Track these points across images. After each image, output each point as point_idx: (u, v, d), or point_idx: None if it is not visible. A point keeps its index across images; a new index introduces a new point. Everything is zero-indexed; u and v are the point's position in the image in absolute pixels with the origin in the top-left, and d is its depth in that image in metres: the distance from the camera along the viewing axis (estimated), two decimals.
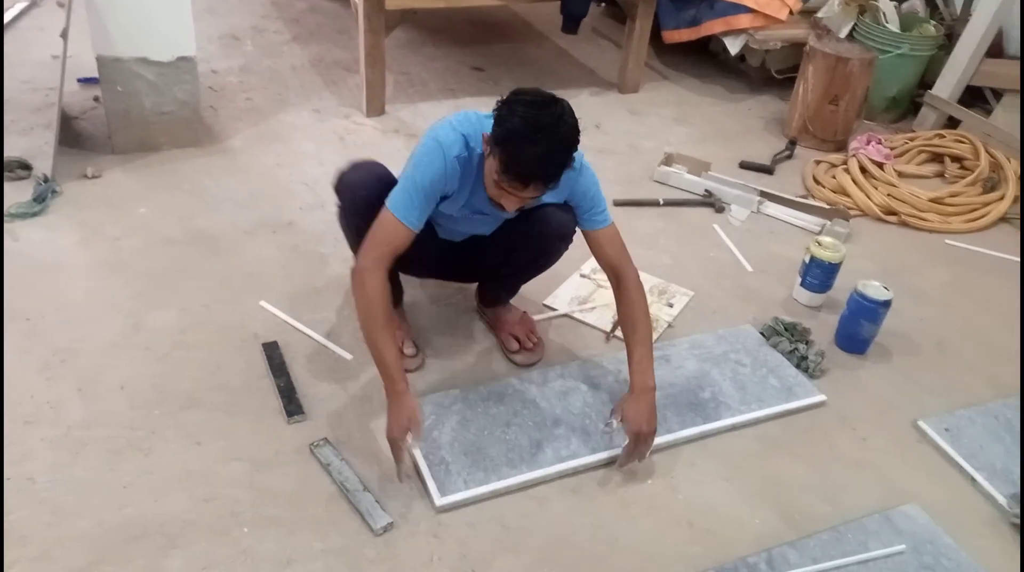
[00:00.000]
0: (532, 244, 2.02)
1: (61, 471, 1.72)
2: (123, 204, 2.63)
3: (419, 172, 1.77)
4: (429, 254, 2.01)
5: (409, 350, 2.10)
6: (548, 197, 1.84)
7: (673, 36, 3.99)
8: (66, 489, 1.69)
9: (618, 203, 2.97)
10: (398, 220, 1.77)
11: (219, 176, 2.86)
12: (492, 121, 1.70)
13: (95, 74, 2.81)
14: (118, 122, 2.85)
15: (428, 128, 1.88)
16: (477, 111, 1.88)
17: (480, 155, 1.79)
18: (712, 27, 3.84)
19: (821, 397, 2.16)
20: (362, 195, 1.90)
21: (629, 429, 1.86)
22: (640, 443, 1.86)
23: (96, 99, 3.14)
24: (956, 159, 3.43)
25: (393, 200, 1.78)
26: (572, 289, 2.48)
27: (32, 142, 2.86)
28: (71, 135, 2.96)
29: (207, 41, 3.83)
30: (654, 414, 1.89)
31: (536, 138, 1.60)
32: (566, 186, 1.84)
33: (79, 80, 3.27)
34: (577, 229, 2.00)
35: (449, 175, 1.78)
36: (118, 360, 2.02)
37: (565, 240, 2.02)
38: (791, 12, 3.79)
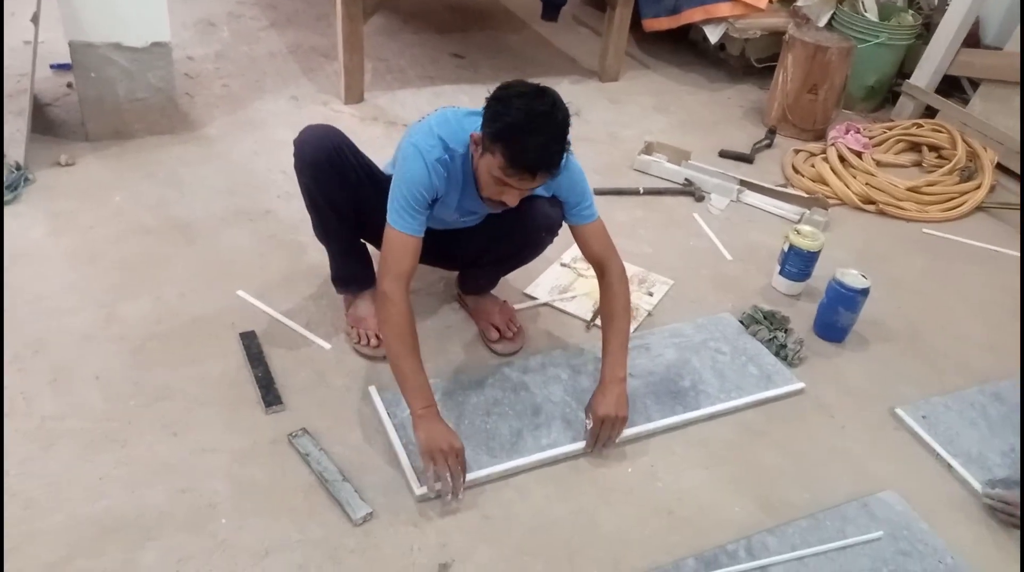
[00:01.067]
0: (518, 235, 2.02)
1: (34, 464, 1.70)
2: (97, 192, 2.59)
3: (405, 183, 1.77)
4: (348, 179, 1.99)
5: (376, 340, 2.08)
6: (539, 190, 1.85)
7: (653, 24, 3.98)
8: (39, 482, 1.66)
9: (598, 192, 2.95)
10: (403, 233, 1.78)
11: (195, 164, 2.82)
12: (474, 118, 1.71)
13: (68, 60, 2.76)
14: (92, 109, 2.81)
15: (407, 130, 1.88)
16: (455, 108, 1.87)
17: (463, 156, 1.79)
18: (692, 15, 3.83)
19: (800, 385, 2.17)
20: (310, 154, 1.91)
21: (595, 415, 1.87)
22: (606, 428, 1.87)
23: (69, 85, 3.09)
24: (933, 148, 3.46)
25: (392, 217, 1.79)
26: (553, 278, 2.48)
27: (3, 129, 2.80)
28: (44, 122, 2.91)
29: (182, 27, 3.78)
30: (623, 402, 1.89)
31: (537, 127, 1.61)
32: (553, 180, 1.82)
33: (52, 66, 3.22)
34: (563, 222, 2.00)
35: (434, 180, 1.77)
36: (92, 351, 2.00)
37: (551, 232, 2.02)
38: (771, 1, 3.79)
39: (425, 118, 1.86)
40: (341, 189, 1.94)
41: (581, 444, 1.90)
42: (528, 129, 1.61)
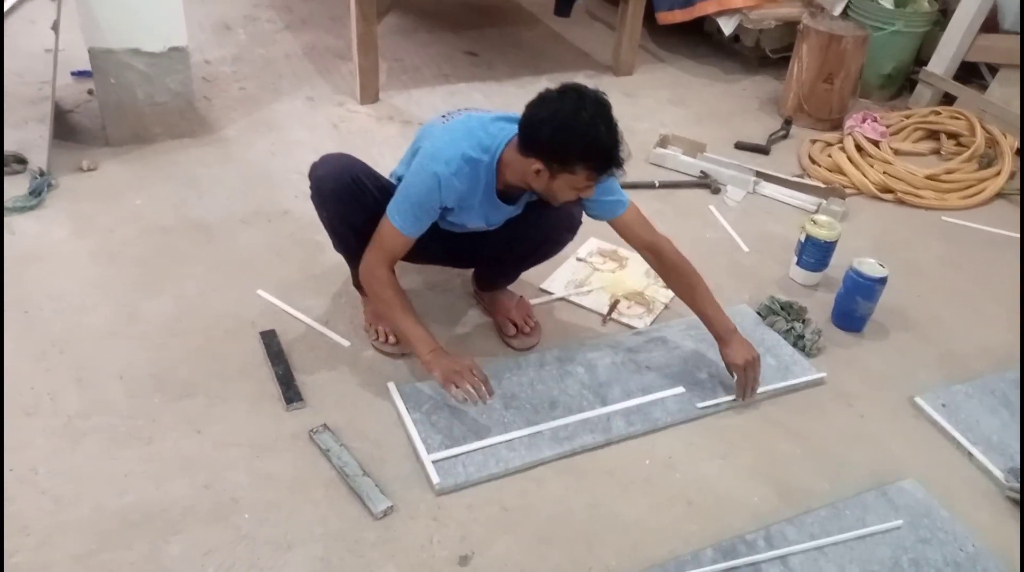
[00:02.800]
0: (539, 235, 2.04)
1: (62, 460, 1.73)
2: (118, 195, 2.63)
3: (414, 189, 1.81)
4: (429, 243, 2.02)
5: (394, 337, 2.10)
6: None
7: (667, 17, 3.97)
8: (67, 478, 1.70)
9: None
10: (395, 229, 1.83)
11: (213, 166, 2.86)
12: (502, 124, 1.78)
13: (88, 67, 2.80)
14: (112, 114, 2.85)
15: (428, 129, 1.89)
16: (480, 114, 1.88)
17: (488, 164, 1.80)
18: (706, 7, 3.82)
19: (818, 375, 2.16)
20: (329, 188, 1.93)
21: (736, 366, 2.01)
22: (750, 371, 2.00)
23: (90, 92, 3.13)
24: (952, 136, 3.43)
25: (391, 209, 1.84)
26: (568, 273, 2.48)
27: (27, 135, 2.85)
28: (65, 128, 2.96)
29: (199, 30, 3.82)
30: (748, 344, 2.04)
31: (605, 129, 1.68)
32: None
33: (72, 73, 3.27)
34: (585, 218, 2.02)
35: (445, 194, 1.80)
36: (115, 349, 2.03)
37: (572, 230, 2.04)
38: None
39: (449, 121, 1.87)
40: (361, 214, 1.94)
41: (598, 437, 1.91)
42: (602, 135, 1.67)
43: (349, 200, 1.92)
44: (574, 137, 1.66)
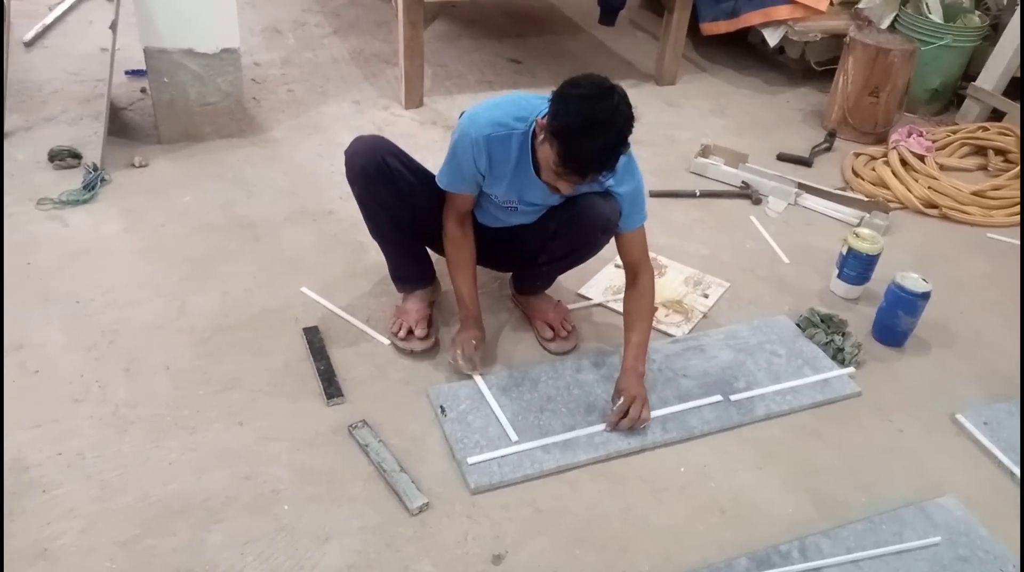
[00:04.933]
0: (574, 234, 2.03)
1: (108, 448, 1.78)
2: (168, 192, 2.70)
3: (452, 148, 1.92)
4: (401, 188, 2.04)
5: (420, 332, 2.12)
6: (597, 185, 1.89)
7: (711, 28, 3.97)
8: (113, 465, 1.74)
9: (654, 194, 2.97)
10: (454, 192, 1.99)
11: (260, 165, 2.91)
12: (547, 104, 1.74)
13: (142, 66, 2.88)
14: (164, 112, 2.92)
15: (472, 108, 1.96)
16: (527, 95, 1.92)
17: (523, 134, 1.84)
18: (751, 18, 3.81)
19: (856, 389, 2.15)
20: (359, 164, 1.99)
21: (626, 393, 1.94)
22: (636, 405, 1.93)
23: (143, 91, 3.22)
24: (1000, 152, 3.38)
25: (441, 179, 1.99)
26: (607, 279, 2.49)
27: (81, 132, 2.94)
28: (119, 125, 3.04)
29: (250, 34, 3.90)
30: (645, 388, 1.99)
31: (593, 133, 1.63)
32: (615, 176, 1.88)
33: (127, 72, 3.36)
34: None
35: (476, 154, 1.86)
36: (162, 342, 2.08)
37: (607, 232, 2.01)
38: (831, 3, 3.75)
39: (486, 101, 1.93)
40: (392, 196, 2.00)
41: (633, 443, 1.92)
42: (583, 133, 1.63)
43: (378, 177, 1.98)
44: (567, 114, 1.65)
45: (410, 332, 2.12)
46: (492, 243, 2.13)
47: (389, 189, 1.99)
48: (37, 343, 2.04)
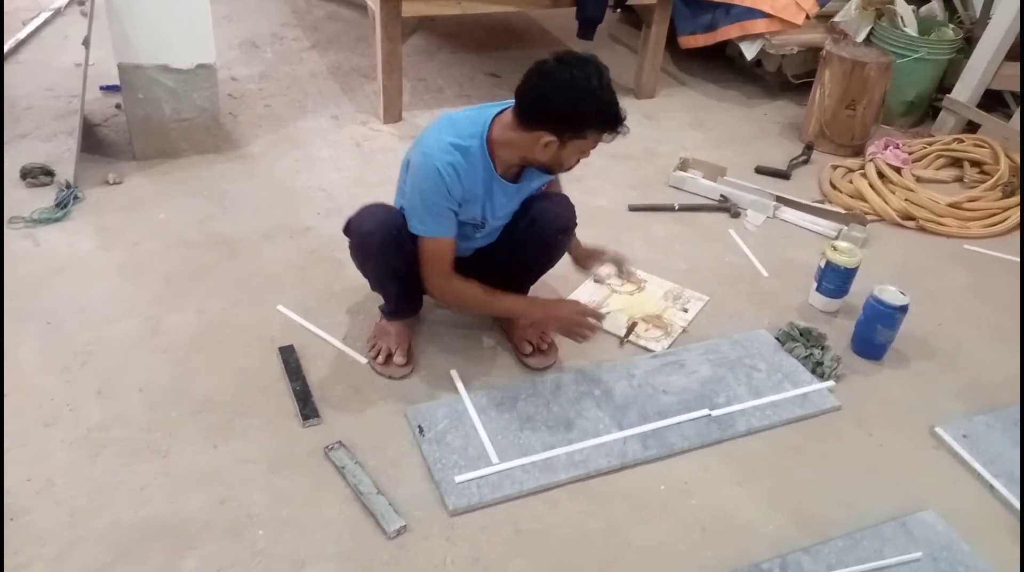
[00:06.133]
0: (535, 242, 2.06)
1: (79, 472, 1.75)
2: (143, 209, 2.67)
3: (421, 193, 1.85)
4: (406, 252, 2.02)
5: (399, 359, 2.09)
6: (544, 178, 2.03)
7: (689, 41, 3.99)
8: (84, 490, 1.71)
9: (633, 208, 2.98)
10: (435, 238, 1.89)
11: (238, 182, 2.89)
12: (480, 111, 1.85)
13: (117, 82, 2.85)
14: (139, 128, 2.89)
15: (414, 143, 1.92)
16: (450, 112, 1.92)
17: (480, 146, 1.84)
18: (728, 32, 3.83)
19: (836, 403, 2.15)
20: (376, 242, 1.94)
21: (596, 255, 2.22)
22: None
23: (118, 106, 3.19)
24: (975, 164, 3.41)
25: (413, 224, 1.89)
26: (587, 294, 2.48)
27: (55, 148, 2.90)
28: (93, 142, 3.01)
29: (227, 48, 3.88)
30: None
31: (610, 92, 1.75)
32: None
33: (101, 88, 3.33)
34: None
35: (450, 183, 1.83)
36: (136, 362, 2.05)
37: (567, 232, 2.08)
38: (807, 17, 3.77)
39: (427, 129, 1.91)
40: (403, 262, 1.98)
41: (614, 461, 1.91)
42: (609, 99, 1.74)
43: (394, 251, 1.95)
44: (589, 105, 1.72)
45: (389, 357, 2.09)
46: (467, 270, 2.10)
47: (400, 257, 1.97)
48: (7, 364, 2.00)
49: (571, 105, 1.72)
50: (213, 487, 1.75)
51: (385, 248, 1.94)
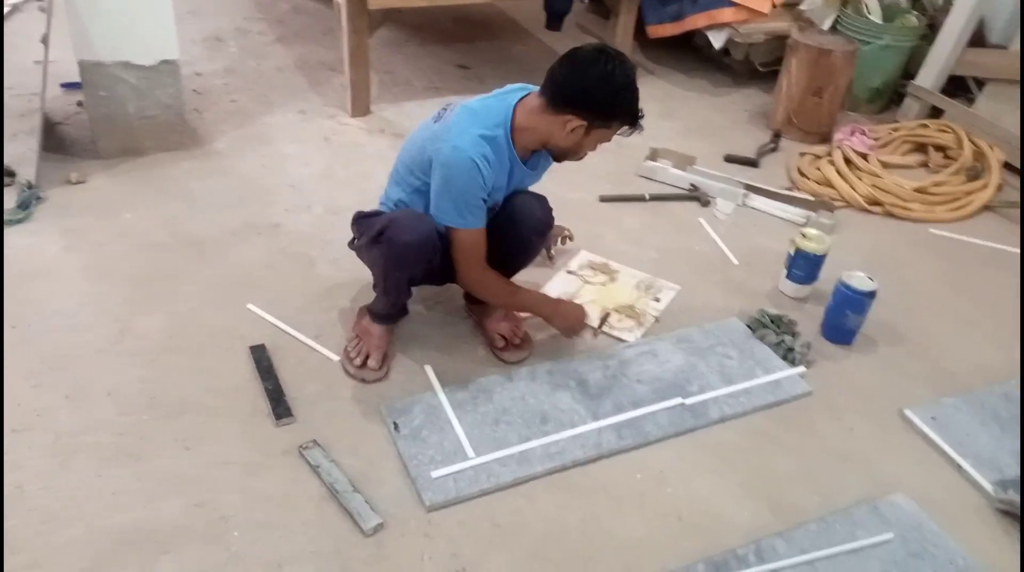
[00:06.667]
0: (510, 240, 2.06)
1: (51, 479, 1.72)
2: (108, 209, 2.62)
3: (459, 186, 1.85)
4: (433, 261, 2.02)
5: (373, 364, 2.07)
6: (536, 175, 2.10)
7: (657, 31, 3.99)
8: (56, 497, 1.68)
9: (604, 199, 2.98)
10: (472, 230, 1.91)
11: (205, 179, 2.85)
12: (497, 98, 1.90)
13: (78, 79, 2.79)
14: (102, 127, 2.85)
15: (433, 135, 1.89)
16: (466, 102, 1.93)
17: (504, 135, 1.87)
18: (695, 21, 3.84)
19: (807, 388, 2.17)
20: (414, 254, 1.92)
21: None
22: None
23: (79, 104, 3.13)
24: (940, 149, 3.45)
25: (456, 221, 1.89)
26: (559, 286, 2.49)
27: (15, 148, 2.84)
28: (55, 141, 2.95)
29: (190, 43, 3.82)
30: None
31: (636, 83, 1.83)
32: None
33: (62, 85, 3.26)
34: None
35: (486, 176, 1.85)
36: (106, 366, 2.02)
37: (541, 234, 2.11)
38: (774, 5, 3.80)
39: (444, 119, 1.90)
40: (427, 270, 2.00)
41: (590, 452, 1.92)
42: (637, 96, 1.83)
43: (427, 261, 1.95)
44: (624, 98, 1.81)
45: (365, 360, 2.07)
46: (445, 259, 2.09)
47: (428, 266, 1.98)
48: None
49: (609, 94, 1.79)
50: (187, 490, 1.73)
51: (421, 258, 1.93)
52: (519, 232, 2.04)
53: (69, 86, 3.24)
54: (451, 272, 2.23)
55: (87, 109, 2.86)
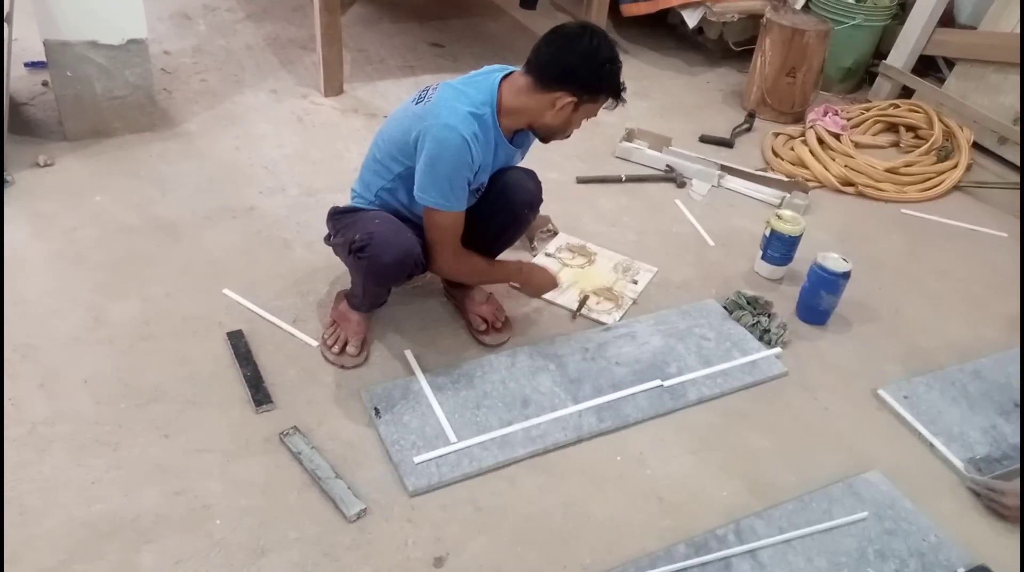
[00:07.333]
0: (501, 215, 2.06)
1: (27, 470, 1.70)
2: (78, 193, 2.57)
3: (446, 164, 1.81)
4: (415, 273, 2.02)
5: (352, 350, 2.06)
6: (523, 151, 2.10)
7: (631, 9, 3.97)
8: (33, 488, 1.66)
9: (581, 180, 2.98)
10: (453, 212, 1.88)
11: (176, 161, 2.80)
12: (479, 78, 1.88)
13: (43, 58, 2.72)
14: (69, 108, 2.78)
15: (420, 113, 1.85)
16: (449, 82, 1.91)
17: (491, 114, 1.86)
18: (670, 0, 3.83)
19: (783, 369, 2.20)
20: (393, 274, 1.94)
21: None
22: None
23: (45, 83, 3.06)
24: (911, 129, 3.49)
25: (438, 201, 1.85)
26: None
27: None
28: (20, 122, 2.88)
29: (158, 21, 3.74)
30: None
31: (615, 54, 1.84)
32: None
33: (26, 64, 3.18)
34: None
35: (475, 154, 1.83)
36: (80, 354, 1.99)
37: (533, 208, 2.11)
38: None
39: (427, 100, 1.87)
40: (407, 279, 2.03)
41: (570, 434, 1.93)
42: (619, 68, 1.84)
43: (405, 276, 1.98)
44: (610, 70, 1.81)
45: (344, 346, 2.06)
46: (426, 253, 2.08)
47: (403, 279, 2.02)
48: None
49: (596, 68, 1.80)
50: (167, 479, 1.72)
51: (401, 274, 1.95)
52: (511, 205, 2.03)
53: (33, 65, 3.16)
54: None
55: (54, 90, 2.79)
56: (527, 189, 2.04)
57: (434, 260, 1.98)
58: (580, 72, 1.81)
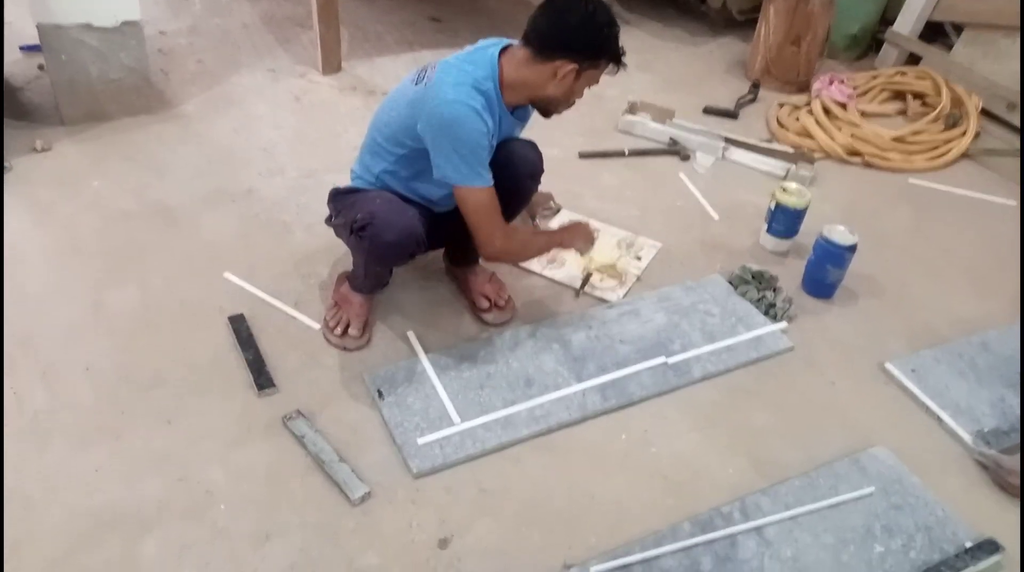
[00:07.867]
0: (505, 185, 1.99)
1: (29, 460, 1.70)
2: (75, 178, 2.55)
3: (468, 140, 1.78)
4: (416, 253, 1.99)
5: (354, 332, 2.05)
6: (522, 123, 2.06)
7: None
8: (35, 478, 1.66)
9: (584, 155, 2.95)
10: (488, 187, 1.84)
11: (173, 144, 2.78)
12: (479, 52, 1.85)
13: (37, 40, 2.69)
14: (65, 92, 2.75)
15: (425, 93, 1.81)
16: (448, 59, 1.87)
17: (494, 88, 1.84)
18: None
19: (789, 344, 2.18)
20: (394, 252, 1.92)
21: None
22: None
23: (40, 67, 3.03)
24: (918, 96, 3.43)
25: (471, 179, 1.82)
26: None
27: None
28: (16, 106, 2.86)
29: (152, 2, 3.69)
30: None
31: (612, 18, 1.82)
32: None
33: (21, 48, 3.15)
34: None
35: (490, 125, 1.82)
36: (80, 342, 1.98)
37: (535, 178, 2.09)
38: None
39: (427, 78, 1.83)
40: (409, 258, 1.99)
41: (574, 413, 1.92)
42: (618, 32, 1.82)
43: (408, 257, 1.96)
44: (610, 34, 1.80)
45: (346, 328, 2.05)
46: (434, 222, 2.05)
47: (406, 259, 1.99)
48: None
49: (595, 32, 1.78)
50: (169, 466, 1.71)
51: (404, 254, 1.93)
52: (515, 176, 1.99)
53: (29, 48, 3.13)
54: (435, 243, 2.19)
55: (48, 74, 2.76)
56: (529, 159, 2.02)
57: (485, 245, 1.91)
58: (579, 38, 1.79)
